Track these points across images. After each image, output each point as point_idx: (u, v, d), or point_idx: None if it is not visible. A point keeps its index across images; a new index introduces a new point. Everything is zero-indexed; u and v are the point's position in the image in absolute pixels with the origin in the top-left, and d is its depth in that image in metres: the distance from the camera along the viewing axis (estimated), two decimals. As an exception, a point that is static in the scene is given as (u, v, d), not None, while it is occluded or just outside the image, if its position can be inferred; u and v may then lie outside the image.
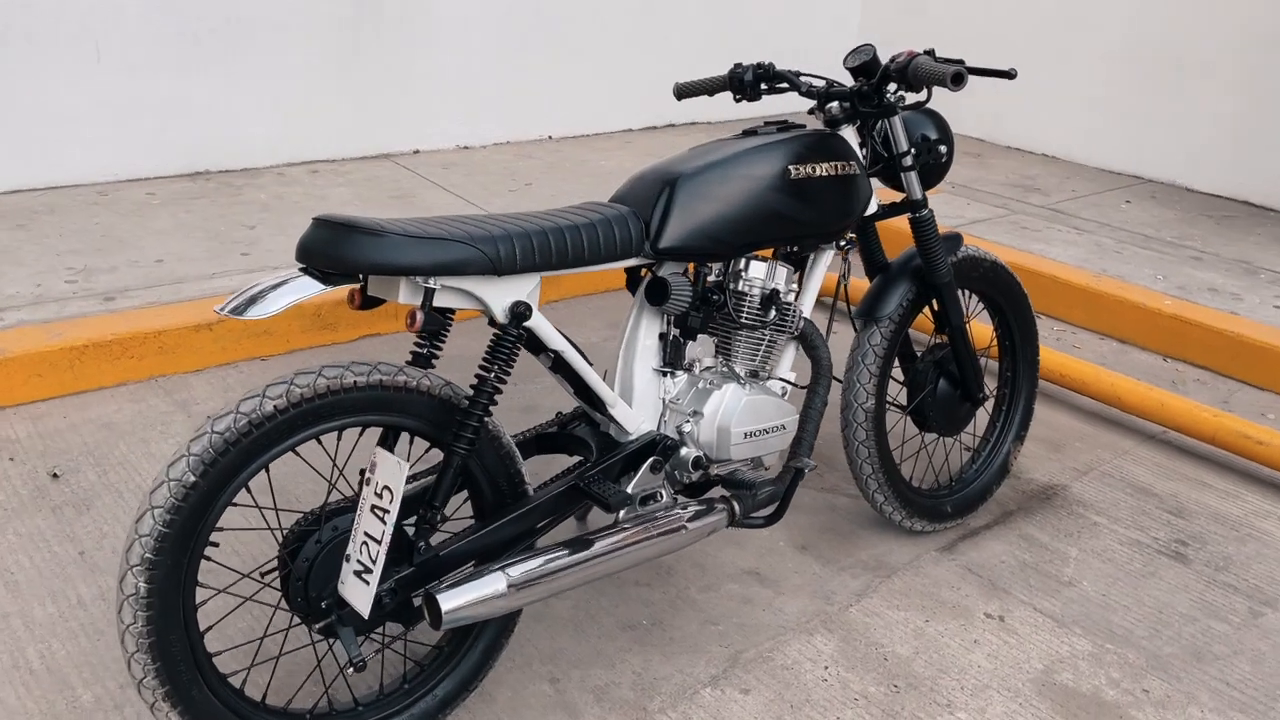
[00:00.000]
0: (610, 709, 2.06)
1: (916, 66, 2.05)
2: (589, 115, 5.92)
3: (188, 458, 1.62)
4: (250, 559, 2.43)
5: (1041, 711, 2.12)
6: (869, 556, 2.58)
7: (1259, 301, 4.00)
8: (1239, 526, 2.81)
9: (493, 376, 1.80)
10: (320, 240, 1.68)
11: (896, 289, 2.44)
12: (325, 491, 2.68)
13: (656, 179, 1.99)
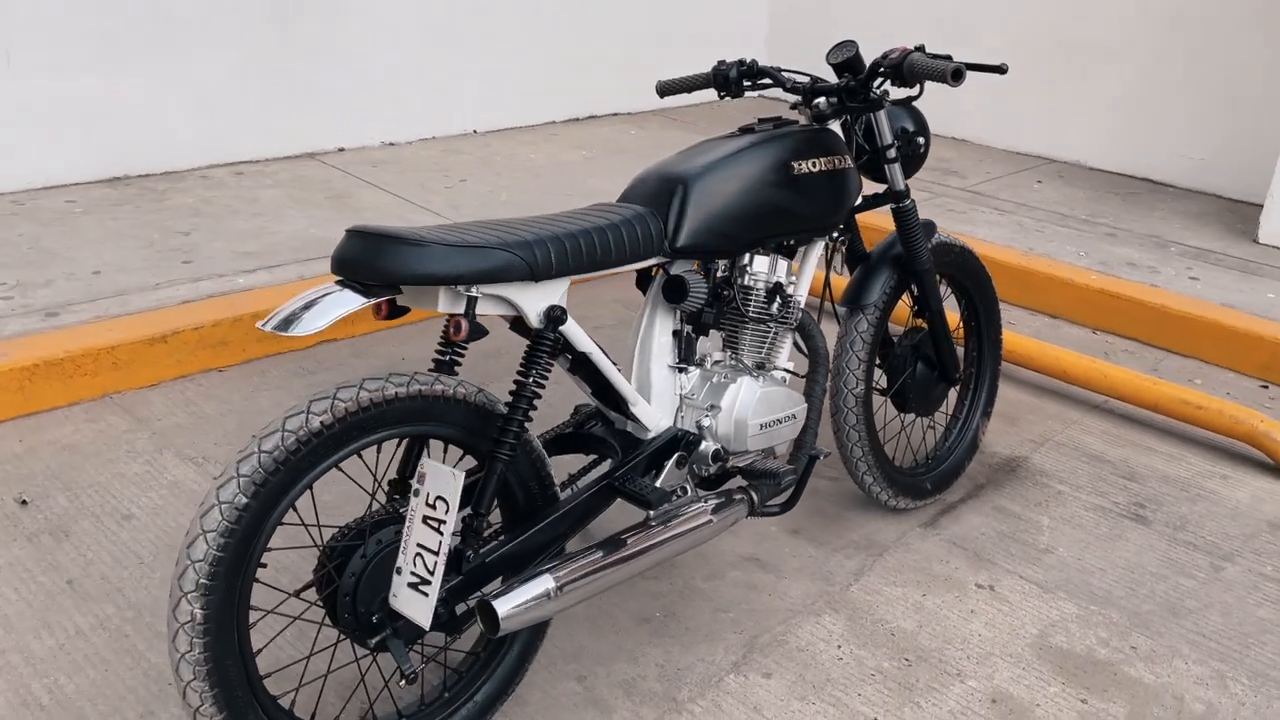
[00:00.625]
0: (641, 702, 2.09)
1: (912, 63, 2.13)
2: (512, 109, 5.89)
3: (238, 479, 1.58)
4: (292, 577, 2.38)
5: (1043, 674, 2.24)
6: (859, 536, 2.67)
7: (1174, 274, 4.25)
8: (1188, 487, 3.00)
9: (531, 382, 1.81)
10: (359, 251, 1.66)
11: (879, 277, 2.53)
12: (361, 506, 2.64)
13: (669, 178, 2.01)
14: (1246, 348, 3.71)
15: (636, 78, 6.43)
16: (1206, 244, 4.64)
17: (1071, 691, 2.19)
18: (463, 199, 4.59)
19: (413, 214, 4.36)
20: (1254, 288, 4.14)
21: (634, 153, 5.57)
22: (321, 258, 3.83)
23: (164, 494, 2.67)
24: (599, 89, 6.26)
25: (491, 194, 4.68)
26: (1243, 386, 3.65)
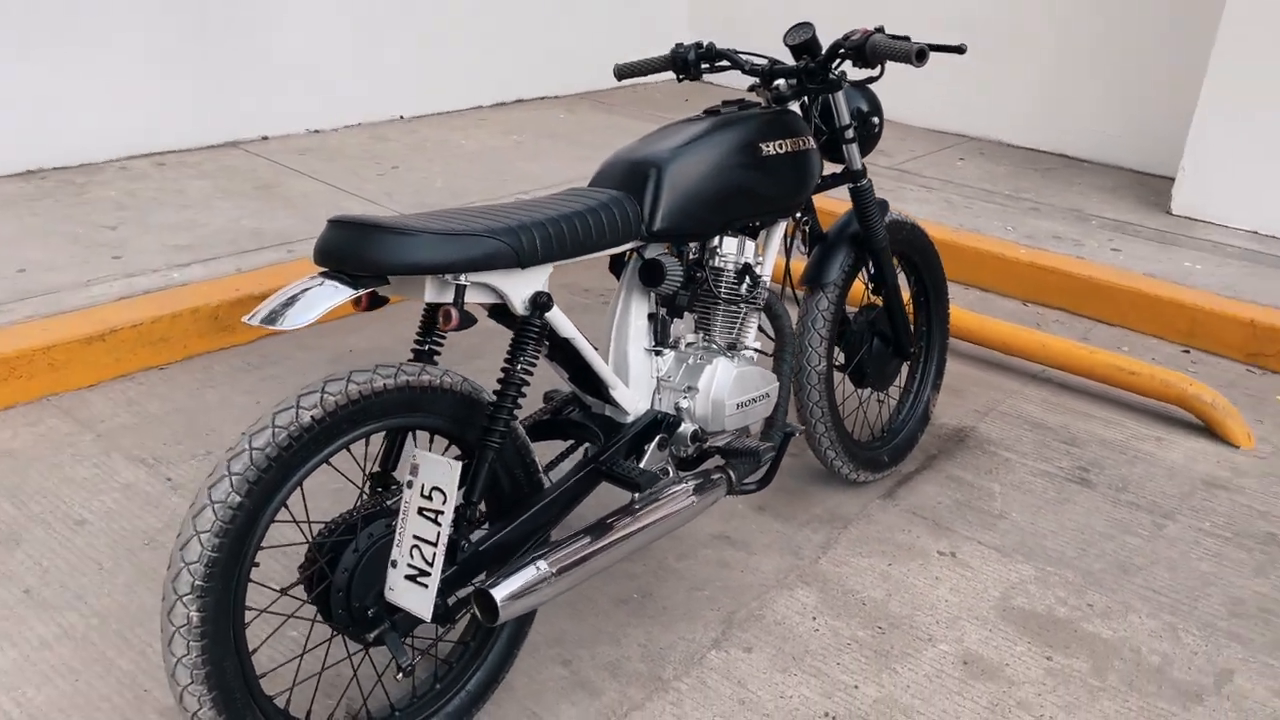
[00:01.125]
0: (628, 682, 2.11)
1: (875, 44, 2.17)
2: (440, 93, 5.81)
3: (229, 477, 1.55)
4: (282, 574, 2.33)
5: (1009, 634, 2.32)
6: (823, 510, 2.73)
7: (1097, 246, 4.41)
8: (1125, 450, 3.13)
9: (518, 370, 1.80)
10: (345, 242, 1.63)
11: (837, 256, 2.57)
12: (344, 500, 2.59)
13: (643, 162, 2.02)
14: (1169, 315, 3.88)
15: (563, 60, 6.40)
16: (1124, 216, 4.82)
17: (1037, 650, 2.28)
18: (396, 187, 4.52)
19: (346, 202, 4.28)
20: (1171, 257, 4.32)
21: (565, 137, 5.54)
22: (257, 249, 3.74)
23: (116, 497, 2.59)
24: (526, 72, 6.21)
25: (425, 181, 4.62)
26: (1166, 352, 3.82)
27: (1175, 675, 2.23)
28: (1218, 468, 3.06)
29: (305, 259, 3.65)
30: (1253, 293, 3.98)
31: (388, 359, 3.35)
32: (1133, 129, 5.59)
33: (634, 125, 5.92)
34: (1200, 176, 4.75)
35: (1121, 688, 2.18)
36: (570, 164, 5.03)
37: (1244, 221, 4.70)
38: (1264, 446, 3.20)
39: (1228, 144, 4.65)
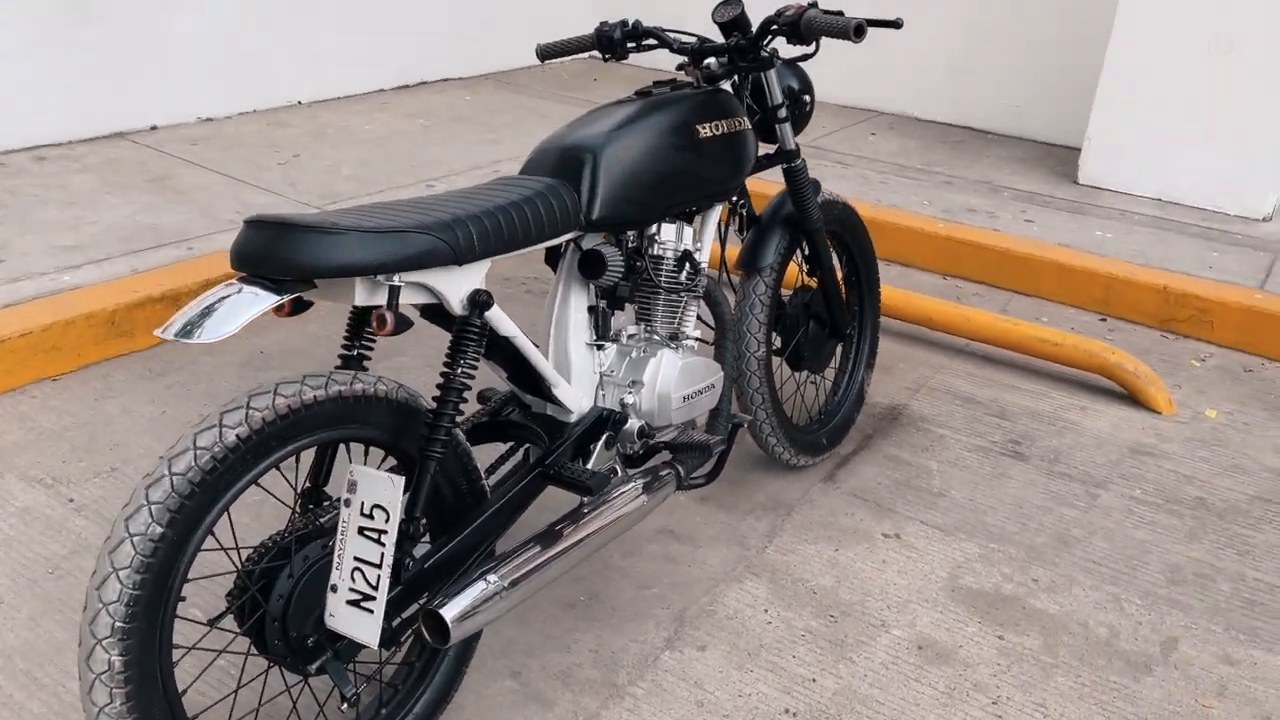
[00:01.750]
0: (581, 691, 2.03)
1: (810, 20, 2.10)
2: (339, 77, 5.57)
3: (148, 507, 1.41)
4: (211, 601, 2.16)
5: (960, 615, 2.31)
6: (765, 497, 2.68)
7: (1011, 218, 4.46)
8: (1054, 421, 3.16)
9: (458, 374, 1.69)
10: (266, 244, 1.50)
11: (773, 238, 2.51)
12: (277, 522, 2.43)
13: (577, 148, 1.92)
14: (1084, 284, 3.94)
15: (464, 41, 6.21)
16: (1034, 187, 4.89)
17: (988, 629, 2.27)
18: (299, 176, 4.31)
19: (247, 194, 4.06)
20: (1082, 226, 4.39)
21: (473, 119, 5.38)
22: (154, 247, 3.51)
23: (13, 523, 2.39)
24: (427, 54, 6.01)
25: (331, 169, 4.42)
26: (1083, 321, 3.87)
27: (1123, 647, 2.24)
28: (1143, 434, 3.11)
29: (206, 256, 3.45)
30: (1162, 259, 4.07)
31: (302, 362, 3.19)
32: (1038, 100, 5.68)
33: (542, 106, 5.78)
34: (1105, 146, 4.84)
35: (1073, 663, 2.19)
36: (480, 147, 4.88)
37: (1148, 189, 4.80)
38: (1184, 411, 3.26)
39: (1131, 113, 4.74)
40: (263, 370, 3.12)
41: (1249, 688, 2.15)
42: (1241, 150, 4.55)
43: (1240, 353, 3.70)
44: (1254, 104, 4.47)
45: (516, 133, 5.18)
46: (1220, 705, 2.10)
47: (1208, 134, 4.60)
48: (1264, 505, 2.79)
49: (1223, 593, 2.43)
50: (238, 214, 3.85)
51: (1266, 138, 4.50)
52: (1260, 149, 4.52)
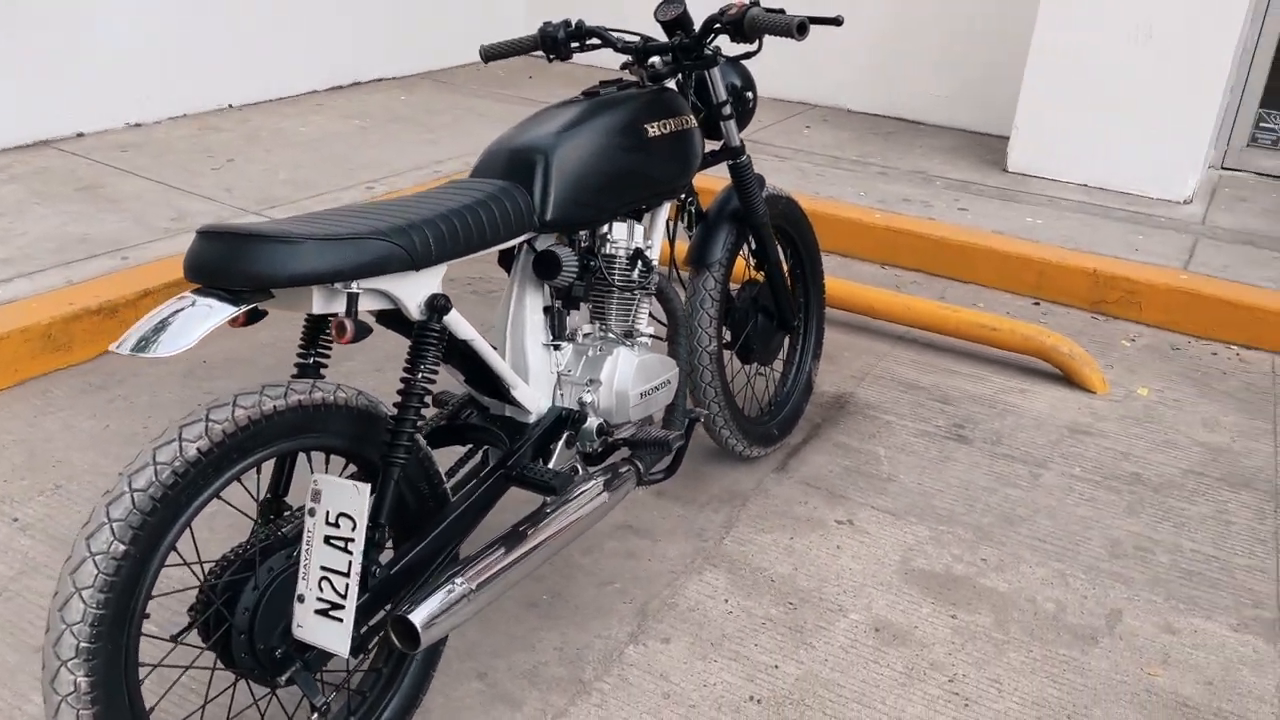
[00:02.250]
0: (549, 689, 2.05)
1: (754, 18, 2.13)
2: (270, 79, 5.48)
3: (110, 525, 1.39)
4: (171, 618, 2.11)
5: (913, 597, 2.37)
6: (720, 489, 2.72)
7: (945, 206, 4.55)
8: (994, 404, 3.25)
9: (419, 379, 1.69)
10: (221, 254, 1.49)
11: (720, 234, 2.54)
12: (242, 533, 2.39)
13: (528, 150, 1.93)
14: (1018, 269, 4.04)
15: (399, 41, 6.15)
16: (965, 176, 5.00)
17: (942, 609, 2.33)
18: (235, 181, 4.24)
19: (181, 201, 3.99)
20: (1014, 213, 4.50)
21: (410, 120, 5.33)
22: (87, 258, 3.43)
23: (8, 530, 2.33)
24: (360, 54, 5.94)
25: (267, 173, 4.35)
26: (1018, 305, 3.98)
27: (1070, 620, 2.32)
28: (1080, 414, 3.21)
29: (143, 266, 3.38)
30: (1090, 243, 4.19)
31: (247, 370, 3.14)
32: (965, 91, 5.80)
33: (480, 105, 5.76)
34: (1032, 134, 4.97)
35: (1024, 638, 2.26)
36: (419, 148, 4.84)
37: (1075, 176, 4.94)
38: (1117, 390, 3.37)
39: (1056, 102, 4.87)
40: (206, 381, 3.07)
41: (1191, 655, 2.24)
42: (1162, 135, 4.70)
43: (1168, 332, 3.83)
44: (1172, 91, 4.63)
45: (455, 133, 5.15)
46: (1165, 673, 2.18)
47: (1130, 121, 4.75)
48: (1196, 479, 2.90)
49: (1162, 564, 2.53)
50: (173, 222, 3.78)
51: (1185, 123, 4.65)
52: (1179, 134, 4.67)
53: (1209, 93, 4.58)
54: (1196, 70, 4.55)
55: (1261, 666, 2.21)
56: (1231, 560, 2.55)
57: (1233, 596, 2.42)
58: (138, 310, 3.19)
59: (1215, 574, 2.50)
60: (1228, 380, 3.48)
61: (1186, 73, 4.57)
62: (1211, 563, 2.54)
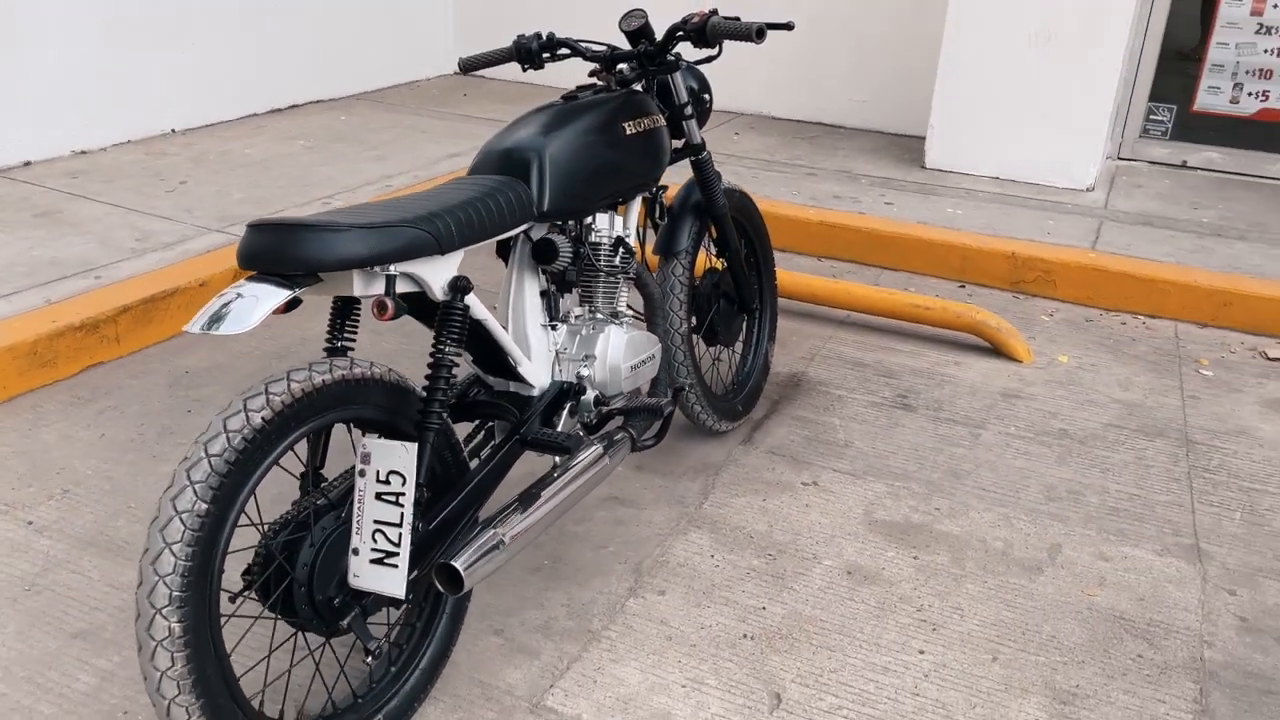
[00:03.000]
0: (562, 639, 2.24)
1: (715, 26, 2.36)
2: (210, 104, 5.57)
3: (191, 486, 1.56)
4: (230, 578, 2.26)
5: (878, 543, 2.62)
6: (695, 461, 2.94)
7: (872, 202, 4.86)
8: (933, 376, 3.53)
9: (447, 353, 1.88)
10: (274, 243, 1.66)
11: (685, 224, 2.77)
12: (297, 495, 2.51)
13: (524, 148, 2.13)
14: (944, 255, 4.36)
15: (333, 63, 6.28)
16: (888, 173, 5.33)
17: (905, 552, 2.58)
18: (192, 202, 4.34)
19: (142, 222, 4.08)
20: (935, 205, 4.83)
21: (353, 138, 5.47)
22: (61, 279, 3.52)
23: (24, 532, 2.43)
24: (296, 77, 6.06)
25: (222, 193, 4.46)
26: (945, 288, 4.29)
27: (1017, 555, 2.59)
28: (1009, 381, 3.51)
29: (119, 283, 3.48)
30: (1007, 229, 4.53)
31: (228, 377, 3.27)
32: (880, 96, 6.16)
33: (420, 122, 5.92)
34: (947, 133, 5.33)
35: (979, 572, 2.52)
36: (367, 165, 4.99)
37: (987, 169, 5.31)
38: (1041, 359, 3.69)
39: (967, 102, 5.23)
40: (192, 389, 3.19)
41: (1123, 577, 2.53)
42: (1064, 129, 5.09)
43: (1081, 306, 4.18)
44: (1071, 89, 5.02)
45: (399, 149, 5.31)
46: (1102, 593, 2.47)
47: (1035, 117, 5.13)
48: (1116, 431, 3.22)
49: (1092, 504, 2.82)
50: (138, 242, 3.88)
51: (1083, 118, 5.05)
52: (1079, 128, 5.07)
53: (1103, 90, 4.98)
54: (1091, 70, 4.95)
55: (1184, 583, 2.51)
56: (1152, 497, 2.86)
57: (1155, 528, 2.73)
58: (118, 325, 3.30)
59: (1139, 510, 2.80)
60: (1137, 345, 3.83)
61: (1082, 72, 4.97)
62: (1135, 500, 2.85)
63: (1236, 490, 2.91)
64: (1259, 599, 2.46)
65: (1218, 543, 2.67)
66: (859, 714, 2.07)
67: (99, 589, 2.32)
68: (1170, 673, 2.22)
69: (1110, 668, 2.23)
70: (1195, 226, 4.70)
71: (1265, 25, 5.33)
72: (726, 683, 2.14)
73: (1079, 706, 2.11)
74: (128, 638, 2.17)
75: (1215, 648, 2.30)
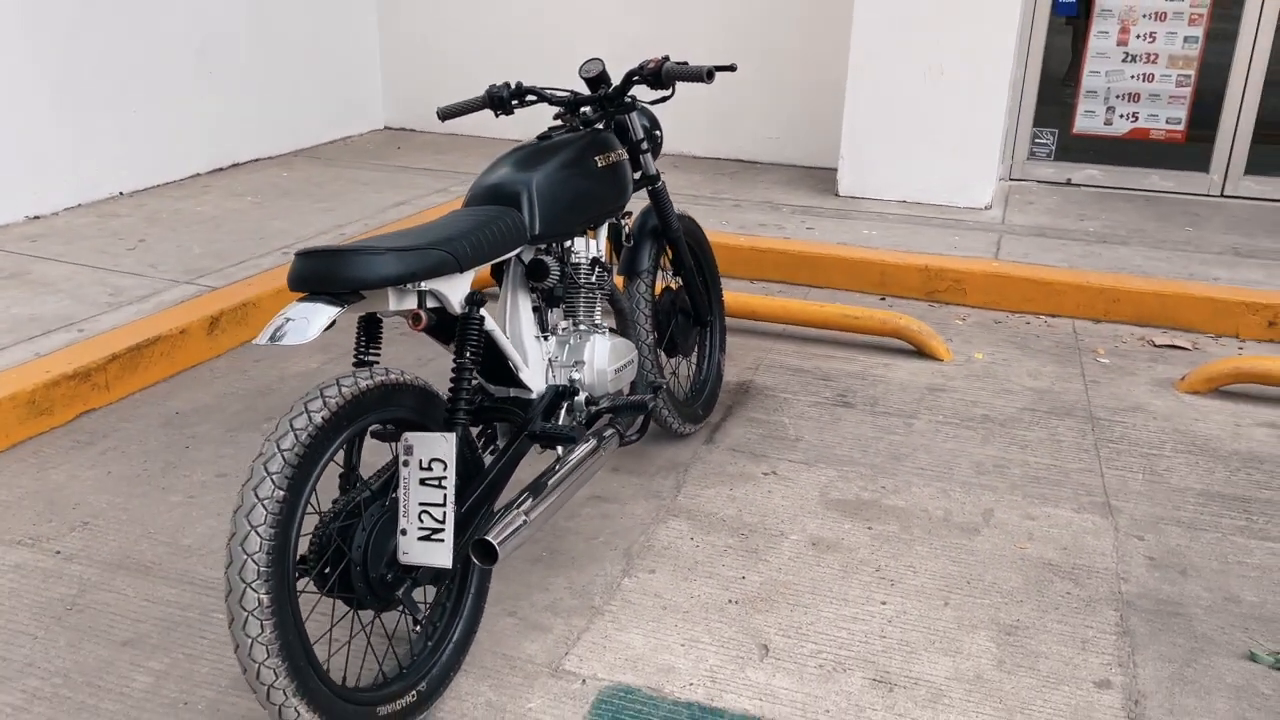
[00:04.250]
0: (571, 616, 2.51)
1: (669, 70, 2.70)
2: (154, 165, 5.74)
3: (269, 477, 1.81)
4: None
5: (836, 519, 2.95)
6: (664, 461, 3.24)
7: (794, 228, 5.27)
8: (865, 377, 3.91)
9: (469, 358, 2.16)
10: (323, 266, 1.93)
11: (645, 247, 3.10)
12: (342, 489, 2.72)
13: (514, 182, 2.43)
14: (864, 272, 4.77)
15: (270, 122, 6.50)
16: (805, 202, 5.76)
17: (859, 525, 2.92)
18: (156, 258, 4.52)
19: (112, 279, 4.25)
20: (852, 228, 5.26)
21: (299, 192, 5.70)
22: (44, 334, 3.68)
23: (11, 577, 2.60)
24: (237, 136, 6.26)
25: (182, 249, 4.65)
26: (867, 301, 4.70)
27: (956, 520, 2.95)
28: (934, 377, 3.91)
29: (104, 334, 3.65)
30: (918, 245, 4.97)
31: (216, 415, 3.47)
32: (790, 131, 6.62)
33: (360, 175, 6.16)
34: (856, 163, 5.79)
35: (925, 536, 2.87)
36: (318, 216, 5.22)
37: (895, 194, 5.78)
38: (959, 357, 4.10)
39: (872, 135, 5.70)
40: (185, 428, 3.39)
41: (1048, 531, 2.90)
42: (961, 155, 5.59)
43: (989, 310, 4.62)
44: (963, 118, 5.53)
45: (346, 200, 5.55)
46: (1032, 545, 2.83)
47: (934, 145, 5.62)
48: (1030, 413, 3.62)
49: (1016, 475, 3.20)
50: (111, 297, 4.05)
51: (977, 143, 5.55)
52: (974, 153, 5.57)
53: (993, 117, 5.50)
54: (981, 100, 5.47)
55: (1099, 533, 2.90)
56: (1066, 466, 3.26)
57: (1071, 490, 3.12)
58: (108, 373, 3.48)
59: (1056, 477, 3.19)
60: (1041, 341, 4.28)
61: (973, 102, 5.48)
62: (1052, 470, 3.24)
63: (1138, 456, 3.33)
64: (1163, 542, 2.86)
65: (1125, 499, 3.07)
66: (836, 655, 2.38)
67: (137, 604, 2.51)
68: (1095, 604, 2.58)
69: (1044, 604, 2.58)
70: (1083, 235, 5.22)
71: (1130, 54, 5.95)
72: (719, 640, 2.43)
73: (1021, 635, 2.46)
74: (174, 642, 2.37)
75: (1130, 582, 2.67)
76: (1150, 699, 2.26)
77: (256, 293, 4.11)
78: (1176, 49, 5.85)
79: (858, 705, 2.23)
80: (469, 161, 6.60)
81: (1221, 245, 5.08)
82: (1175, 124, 5.99)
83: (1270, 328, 4.29)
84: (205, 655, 2.33)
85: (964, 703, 2.24)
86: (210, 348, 3.90)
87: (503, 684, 2.28)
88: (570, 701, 2.23)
